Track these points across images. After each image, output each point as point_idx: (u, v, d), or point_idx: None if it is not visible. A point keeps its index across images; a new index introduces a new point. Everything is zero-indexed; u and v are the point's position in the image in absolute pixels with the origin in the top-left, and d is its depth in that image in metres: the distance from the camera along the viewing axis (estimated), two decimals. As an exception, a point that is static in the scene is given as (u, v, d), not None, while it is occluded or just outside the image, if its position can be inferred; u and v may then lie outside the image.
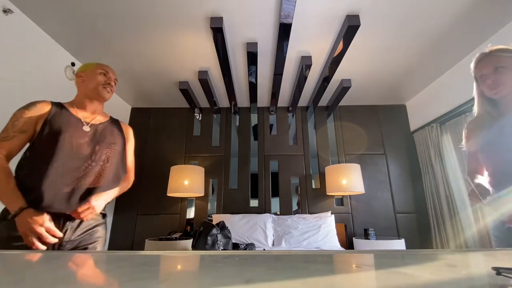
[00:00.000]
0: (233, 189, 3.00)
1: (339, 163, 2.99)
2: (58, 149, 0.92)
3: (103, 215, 1.13)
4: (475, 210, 2.14)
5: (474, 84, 1.15)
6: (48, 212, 0.86)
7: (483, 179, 1.11)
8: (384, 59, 2.34)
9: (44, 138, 0.94)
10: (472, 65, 1.13)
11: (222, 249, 2.01)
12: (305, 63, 2.29)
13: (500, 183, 1.01)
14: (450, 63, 2.38)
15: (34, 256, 0.57)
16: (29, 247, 0.80)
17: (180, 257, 0.57)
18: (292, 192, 2.98)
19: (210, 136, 3.20)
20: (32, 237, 0.79)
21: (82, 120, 1.07)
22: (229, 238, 2.12)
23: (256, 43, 2.09)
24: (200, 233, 2.05)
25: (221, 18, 1.83)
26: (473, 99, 1.18)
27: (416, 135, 2.95)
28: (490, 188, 1.05)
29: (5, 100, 1.65)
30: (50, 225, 0.83)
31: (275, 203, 2.96)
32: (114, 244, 2.80)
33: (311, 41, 2.10)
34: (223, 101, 3.14)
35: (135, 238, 2.82)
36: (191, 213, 3.00)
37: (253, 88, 2.71)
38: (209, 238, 1.99)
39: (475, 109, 1.17)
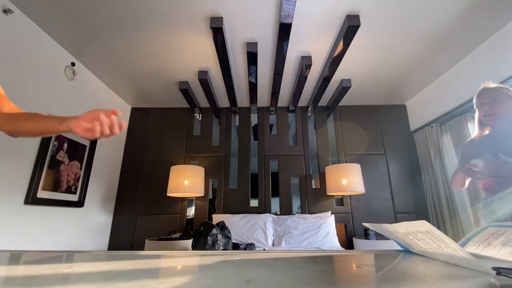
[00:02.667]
0: (233, 189, 3.00)
1: (339, 163, 2.99)
2: None
3: None
4: (475, 210, 2.13)
5: (476, 112, 1.40)
6: None
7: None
8: (384, 59, 2.34)
9: None
10: (474, 97, 1.40)
11: (222, 249, 2.01)
12: (305, 63, 2.29)
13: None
14: (450, 63, 2.38)
15: (34, 256, 0.57)
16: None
17: (180, 257, 0.57)
18: (293, 192, 2.98)
19: (210, 136, 3.20)
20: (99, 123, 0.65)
21: None
22: (229, 238, 2.12)
23: (256, 43, 2.09)
24: (200, 233, 2.05)
25: (221, 18, 1.83)
26: (473, 99, 1.35)
27: (416, 135, 2.95)
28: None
29: (5, 100, 1.65)
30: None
31: (275, 203, 2.96)
32: (114, 244, 2.80)
33: (311, 41, 2.09)
34: (223, 101, 3.14)
35: (135, 238, 2.82)
36: (191, 213, 3.00)
37: (253, 88, 2.71)
38: (209, 238, 1.99)
39: (475, 131, 1.45)
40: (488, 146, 1.29)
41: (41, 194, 1.94)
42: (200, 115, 3.30)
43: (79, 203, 2.36)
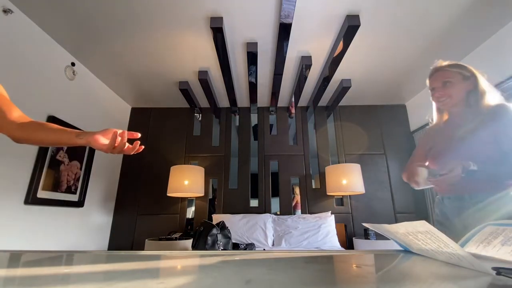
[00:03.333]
0: (233, 189, 3.00)
1: (339, 163, 2.99)
2: None
3: None
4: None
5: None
6: None
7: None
8: (384, 59, 2.34)
9: None
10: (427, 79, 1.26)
11: (222, 249, 2.01)
12: (305, 63, 2.29)
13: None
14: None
15: (34, 256, 0.57)
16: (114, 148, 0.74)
17: (180, 257, 0.57)
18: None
19: (210, 136, 3.20)
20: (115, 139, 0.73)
21: None
22: (229, 238, 2.12)
23: (256, 43, 2.09)
24: (200, 233, 2.05)
25: (221, 18, 1.83)
26: None
27: (416, 135, 2.95)
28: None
29: (5, 100, 1.65)
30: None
31: (275, 203, 2.96)
32: (114, 244, 2.80)
33: (311, 41, 2.09)
34: (223, 101, 3.14)
35: (135, 238, 2.82)
36: (191, 213, 3.00)
37: (253, 88, 2.71)
38: (209, 238, 1.99)
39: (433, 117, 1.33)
40: (445, 137, 1.14)
41: (41, 194, 1.94)
42: (200, 115, 3.30)
43: (79, 203, 2.36)
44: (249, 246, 2.31)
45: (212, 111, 3.22)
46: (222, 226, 2.12)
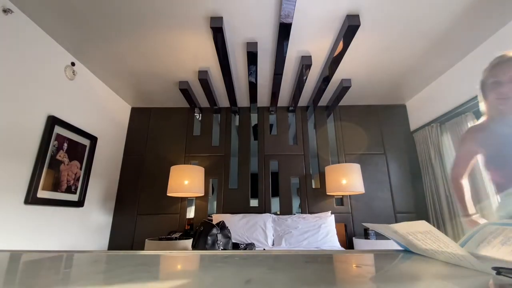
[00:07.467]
0: (233, 189, 3.00)
1: (339, 163, 2.99)
2: None
3: None
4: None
5: (479, 87, 1.07)
6: None
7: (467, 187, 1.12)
8: (384, 59, 2.34)
9: None
10: (486, 67, 1.05)
11: (222, 249, 2.01)
12: (305, 63, 2.29)
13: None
14: (450, 63, 2.38)
15: (34, 256, 0.57)
16: None
17: (180, 257, 0.57)
18: (293, 192, 2.98)
19: (210, 136, 3.20)
20: None
21: None
22: (229, 238, 2.12)
23: (256, 43, 2.09)
24: (200, 233, 2.05)
25: (221, 18, 1.83)
26: (472, 99, 1.19)
27: (416, 135, 2.95)
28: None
29: (5, 100, 1.65)
30: None
31: (275, 203, 2.96)
32: (114, 244, 2.80)
33: (311, 41, 2.09)
34: (223, 101, 3.14)
35: (135, 238, 2.82)
36: (191, 213, 3.00)
37: (253, 88, 2.71)
38: (209, 238, 1.99)
39: (482, 112, 1.11)
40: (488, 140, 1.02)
41: (41, 194, 1.94)
42: (200, 115, 3.30)
43: (79, 203, 2.35)
44: (249, 246, 2.31)
45: (212, 111, 3.22)
46: (222, 226, 2.12)
